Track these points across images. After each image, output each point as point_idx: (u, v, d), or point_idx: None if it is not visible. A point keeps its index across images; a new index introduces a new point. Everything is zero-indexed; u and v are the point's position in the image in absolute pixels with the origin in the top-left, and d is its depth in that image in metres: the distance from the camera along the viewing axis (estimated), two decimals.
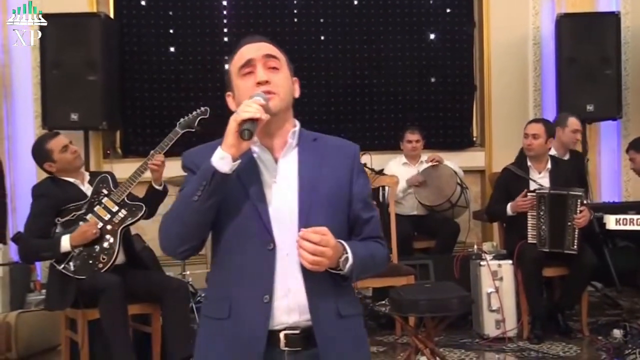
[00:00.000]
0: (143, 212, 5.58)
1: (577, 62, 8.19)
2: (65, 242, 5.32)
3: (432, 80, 8.86)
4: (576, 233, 6.37)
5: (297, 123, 2.82)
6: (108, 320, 5.21)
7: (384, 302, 5.76)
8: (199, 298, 7.18)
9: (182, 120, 5.96)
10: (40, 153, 5.60)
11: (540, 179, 6.74)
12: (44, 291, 7.06)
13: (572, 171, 6.97)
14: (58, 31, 7.56)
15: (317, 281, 2.60)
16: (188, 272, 6.76)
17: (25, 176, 7.75)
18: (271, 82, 2.65)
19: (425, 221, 7.83)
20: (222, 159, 2.53)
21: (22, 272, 7.06)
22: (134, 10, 8.38)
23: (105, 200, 5.55)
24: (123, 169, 6.79)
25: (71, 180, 5.65)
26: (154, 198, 5.67)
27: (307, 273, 2.57)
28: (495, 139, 8.76)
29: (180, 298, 5.47)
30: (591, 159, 8.62)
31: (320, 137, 2.84)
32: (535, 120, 6.88)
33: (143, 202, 5.63)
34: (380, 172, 7.55)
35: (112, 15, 8.18)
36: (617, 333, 6.45)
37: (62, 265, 5.35)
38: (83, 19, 7.71)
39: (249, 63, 2.67)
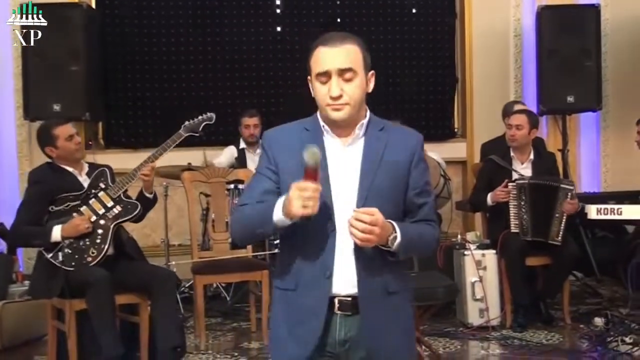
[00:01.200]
0: (138, 211, 5.52)
1: (557, 54, 8.20)
2: (57, 232, 5.26)
3: (414, 71, 8.87)
4: (562, 225, 6.38)
5: (368, 114, 2.96)
6: (96, 314, 5.16)
7: None
8: (183, 289, 7.19)
9: (187, 123, 5.89)
10: (45, 136, 5.54)
11: (523, 170, 6.74)
12: (26, 282, 6.99)
13: (555, 162, 6.96)
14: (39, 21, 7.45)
15: (368, 259, 2.80)
16: (173, 263, 6.73)
17: (7, 168, 7.81)
18: (344, 95, 2.82)
19: None
20: (283, 222, 2.71)
21: (4, 263, 6.97)
22: (115, 1, 8.32)
23: (101, 194, 5.48)
24: (105, 160, 6.62)
25: (69, 169, 5.57)
26: (143, 205, 5.58)
27: (358, 251, 2.77)
28: (476, 130, 8.76)
29: (169, 288, 5.43)
30: (571, 150, 8.64)
31: (387, 126, 2.97)
32: (519, 111, 6.86)
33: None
34: None
35: (93, 5, 8.12)
36: (598, 321, 6.47)
37: (50, 255, 5.29)
38: (65, 9, 7.65)
39: (325, 74, 2.83)
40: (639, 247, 6.35)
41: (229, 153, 7.88)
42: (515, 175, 6.65)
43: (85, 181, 5.56)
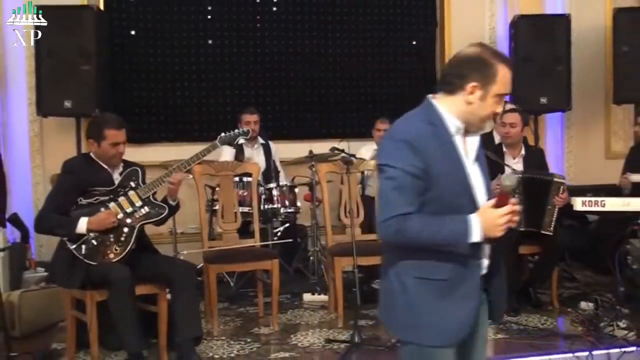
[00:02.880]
0: (165, 214, 4.94)
1: (531, 60, 7.71)
2: (82, 224, 4.64)
3: (399, 74, 8.35)
4: (554, 216, 5.88)
5: None
6: (117, 312, 4.56)
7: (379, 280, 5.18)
8: None
9: (223, 135, 5.33)
10: (95, 130, 4.87)
11: (515, 165, 6.21)
12: (39, 269, 6.44)
13: (544, 157, 6.41)
14: (52, 22, 6.79)
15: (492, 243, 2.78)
16: (185, 252, 6.09)
17: (20, 162, 7.15)
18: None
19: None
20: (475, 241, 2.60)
21: (18, 252, 6.28)
22: (123, 5, 7.65)
23: (131, 193, 4.87)
24: None
25: (104, 165, 4.92)
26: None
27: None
28: None
29: (188, 281, 4.80)
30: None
31: None
32: (511, 110, 6.32)
33: None
34: (353, 156, 6.98)
35: (102, 7, 7.41)
36: (584, 305, 6.04)
37: (74, 246, 4.65)
38: (76, 11, 7.01)
39: (503, 95, 2.69)
40: (626, 237, 5.77)
41: (228, 149, 7.23)
42: (507, 170, 6.10)
43: (117, 178, 4.93)
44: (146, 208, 4.85)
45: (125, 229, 4.76)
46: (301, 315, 6.12)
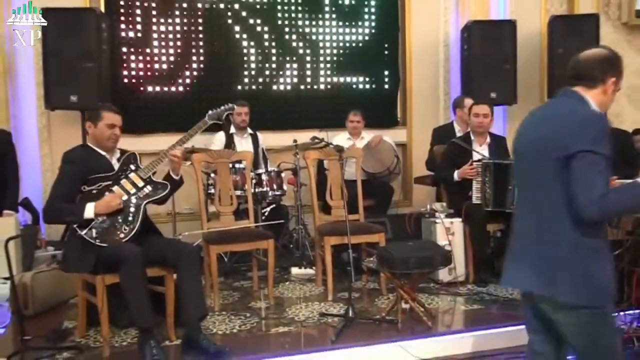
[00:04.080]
0: (167, 191, 4.21)
1: (482, 59, 7.06)
2: (90, 210, 3.90)
3: (367, 73, 7.62)
4: (515, 195, 5.23)
5: None
6: (129, 288, 3.79)
7: (371, 258, 4.49)
8: None
9: (210, 112, 4.55)
10: (93, 113, 4.19)
11: (482, 150, 5.60)
12: (49, 248, 5.69)
13: (506, 144, 5.76)
14: (57, 24, 5.99)
15: None
16: (186, 233, 5.30)
17: (30, 151, 6.34)
18: None
19: (365, 185, 6.47)
20: None
21: (29, 234, 5.46)
22: (122, 9, 6.76)
23: (132, 175, 4.14)
24: None
25: (102, 152, 4.18)
26: (170, 186, 4.25)
27: None
28: (414, 120, 7.64)
29: (194, 263, 4.03)
30: None
31: None
32: (482, 102, 5.72)
33: None
34: (329, 144, 6.29)
35: (103, 10, 6.54)
36: None
37: (84, 231, 3.89)
38: (80, 13, 6.15)
39: None
40: None
41: (218, 138, 6.48)
42: (475, 155, 5.50)
43: (116, 165, 4.18)
44: (148, 187, 4.14)
45: (132, 209, 4.03)
46: (291, 288, 5.40)
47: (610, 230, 4.73)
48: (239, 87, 7.14)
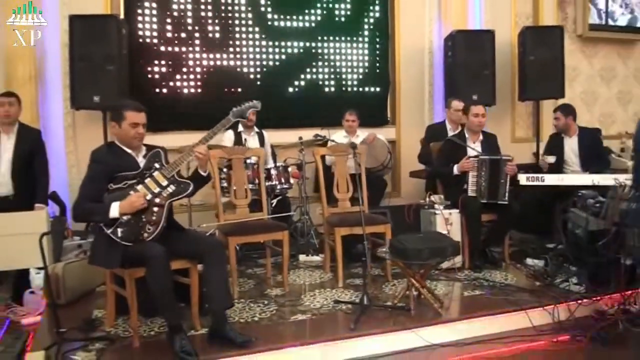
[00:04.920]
0: (190, 190, 3.62)
1: (465, 65, 6.66)
2: (114, 209, 3.37)
3: (361, 77, 7.12)
4: (507, 188, 4.89)
5: None
6: (156, 287, 3.28)
7: (383, 249, 4.03)
8: None
9: (234, 109, 3.84)
10: (116, 112, 3.60)
11: (476, 147, 5.19)
12: (75, 237, 5.12)
13: (496, 141, 5.35)
14: (83, 29, 5.44)
15: None
16: (204, 225, 4.81)
17: (56, 149, 5.74)
18: None
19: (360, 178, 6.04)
20: None
21: (59, 224, 4.98)
22: (139, 17, 6.16)
23: (156, 174, 3.55)
24: None
25: (128, 150, 3.62)
26: (196, 183, 3.67)
27: None
28: (402, 119, 7.16)
29: (219, 256, 3.53)
30: None
31: None
32: (479, 103, 5.32)
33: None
34: (332, 141, 5.85)
35: (122, 16, 5.98)
36: (530, 261, 5.06)
37: (110, 230, 3.37)
38: (102, 20, 5.58)
39: None
40: (568, 207, 4.74)
41: (228, 137, 5.95)
42: (470, 151, 5.09)
43: (142, 162, 3.62)
44: (172, 186, 3.55)
45: (155, 209, 3.47)
46: (302, 275, 4.93)
47: (597, 221, 4.37)
48: (248, 90, 6.58)
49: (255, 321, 3.79)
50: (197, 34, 6.38)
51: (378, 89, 7.12)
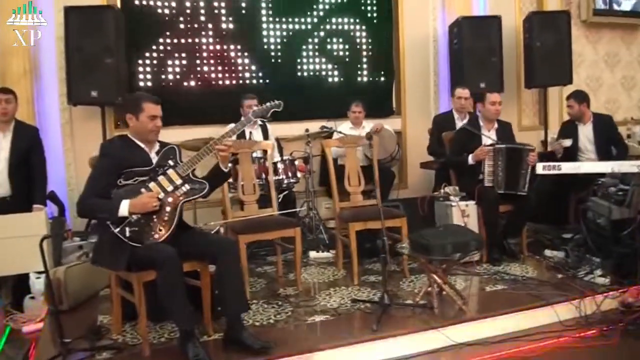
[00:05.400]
0: (206, 190, 3.35)
1: (472, 52, 6.38)
2: (124, 207, 3.09)
3: (367, 66, 6.81)
4: (527, 179, 4.64)
5: None
6: (167, 292, 3.03)
7: (404, 244, 3.79)
8: None
9: (256, 109, 3.60)
10: (133, 104, 3.33)
11: (491, 135, 4.93)
12: (75, 238, 4.80)
13: (511, 129, 5.11)
14: (79, 22, 5.13)
15: None
16: (212, 223, 4.55)
17: (53, 146, 5.41)
18: None
19: (367, 170, 5.77)
20: None
21: (58, 224, 4.69)
22: (136, 8, 5.84)
23: (170, 171, 3.28)
24: None
25: (141, 145, 3.35)
26: (216, 179, 3.42)
27: None
28: (408, 109, 6.88)
29: (234, 257, 3.29)
30: None
31: None
32: (495, 91, 5.07)
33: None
34: (340, 132, 5.64)
35: (119, 7, 5.68)
36: (548, 252, 4.83)
37: (118, 229, 3.09)
38: (99, 11, 5.28)
39: None
40: (587, 195, 4.52)
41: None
42: (485, 140, 4.85)
43: (155, 158, 3.34)
44: (187, 186, 3.28)
45: (168, 209, 3.21)
46: (314, 273, 4.68)
47: (621, 209, 4.16)
48: (249, 82, 6.30)
49: (271, 324, 3.55)
50: (195, 25, 6.07)
51: (383, 79, 6.85)
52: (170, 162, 3.32)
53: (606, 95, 7.98)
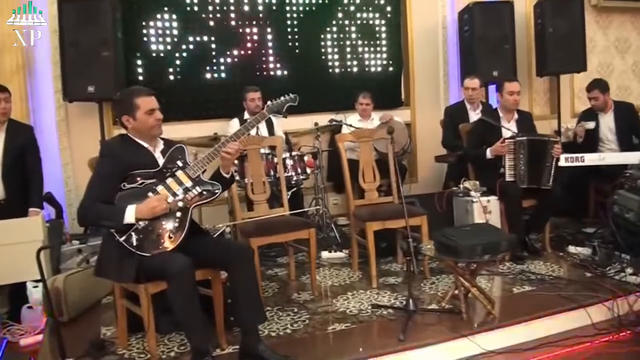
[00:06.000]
0: (219, 192, 3.03)
1: (485, 39, 6.09)
2: (130, 214, 2.78)
3: (375, 57, 6.52)
4: (552, 172, 4.34)
5: None
6: (181, 306, 2.72)
7: (429, 245, 3.51)
8: None
9: (269, 103, 3.26)
10: (125, 104, 2.96)
11: (510, 126, 4.65)
12: (74, 242, 4.52)
13: (532, 120, 4.82)
14: (74, 14, 4.85)
15: None
16: (221, 225, 4.26)
17: (49, 144, 5.17)
18: None
19: (380, 165, 5.45)
20: None
21: (56, 227, 4.41)
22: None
23: (179, 173, 2.97)
24: None
25: (144, 144, 3.02)
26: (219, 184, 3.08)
27: None
28: (417, 100, 6.60)
29: (248, 263, 2.96)
30: None
31: None
32: (514, 80, 4.74)
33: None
34: (349, 125, 5.44)
35: None
36: (572, 249, 4.53)
37: (123, 237, 2.79)
38: (94, 2, 4.93)
39: None
40: (614, 188, 4.24)
41: (233, 126, 5.39)
42: (505, 132, 4.56)
43: (160, 158, 3.01)
44: (198, 188, 2.96)
45: (178, 213, 2.90)
46: (329, 275, 4.36)
47: None
48: (253, 74, 5.99)
49: (288, 334, 3.27)
50: (196, 16, 5.76)
51: (391, 69, 6.55)
52: (179, 163, 3.01)
53: (617, 82, 7.71)
